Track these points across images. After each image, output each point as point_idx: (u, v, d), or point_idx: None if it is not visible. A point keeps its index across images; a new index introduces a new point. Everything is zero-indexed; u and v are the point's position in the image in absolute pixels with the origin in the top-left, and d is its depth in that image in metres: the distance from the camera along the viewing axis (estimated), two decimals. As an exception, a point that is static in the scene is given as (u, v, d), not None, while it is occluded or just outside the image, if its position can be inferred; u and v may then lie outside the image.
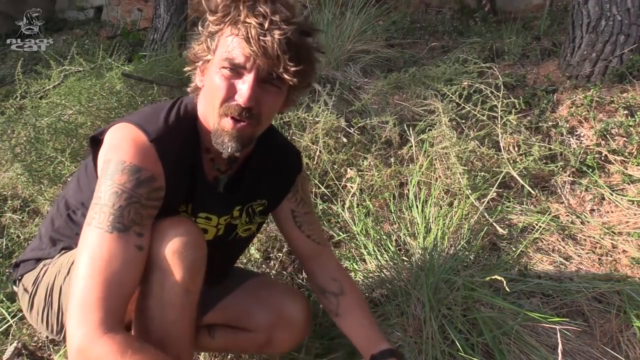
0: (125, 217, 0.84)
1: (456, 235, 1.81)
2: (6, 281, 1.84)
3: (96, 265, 0.80)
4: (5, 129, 2.20)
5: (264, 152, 1.09)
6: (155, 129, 0.92)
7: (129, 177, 0.86)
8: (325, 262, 1.22)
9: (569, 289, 1.59)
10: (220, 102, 0.88)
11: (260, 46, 0.82)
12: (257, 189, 1.12)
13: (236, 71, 0.86)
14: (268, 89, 0.89)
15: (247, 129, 0.90)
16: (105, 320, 0.77)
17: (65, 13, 6.59)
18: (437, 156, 2.16)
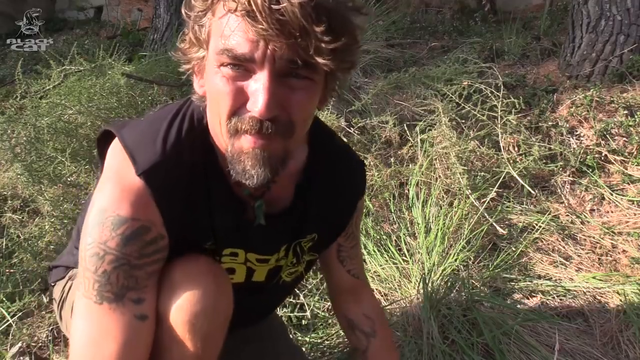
0: (113, 284, 0.65)
1: (456, 235, 1.81)
2: (6, 281, 1.84)
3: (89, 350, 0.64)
4: (5, 129, 2.20)
5: (320, 162, 0.81)
6: (147, 157, 0.67)
7: (111, 234, 0.65)
8: (361, 298, 1.06)
9: (569, 289, 1.59)
10: (227, 114, 0.61)
11: (273, 20, 0.52)
12: (310, 222, 0.84)
13: (242, 67, 0.58)
14: (294, 84, 0.60)
15: (276, 145, 0.62)
16: None
17: (65, 13, 6.59)
18: (437, 156, 2.16)
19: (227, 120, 0.62)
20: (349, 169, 0.89)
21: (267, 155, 0.62)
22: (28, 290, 1.79)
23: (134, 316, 0.66)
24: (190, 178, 0.71)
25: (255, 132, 0.61)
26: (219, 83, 0.60)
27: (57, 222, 2.02)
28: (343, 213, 0.91)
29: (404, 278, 1.61)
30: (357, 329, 1.04)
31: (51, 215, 2.05)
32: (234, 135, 0.63)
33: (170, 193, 0.68)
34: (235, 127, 0.62)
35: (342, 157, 0.89)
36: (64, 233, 2.04)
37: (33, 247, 1.97)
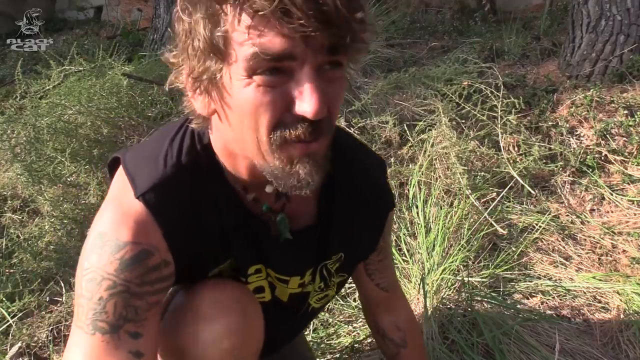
0: (109, 313, 0.58)
1: (456, 235, 1.81)
2: (6, 281, 1.84)
3: None
4: (5, 129, 2.20)
5: (342, 170, 0.74)
6: (146, 178, 0.63)
7: (109, 258, 0.59)
8: (393, 308, 1.02)
9: (569, 289, 1.59)
10: (271, 127, 0.54)
11: (315, 13, 0.47)
12: (333, 241, 0.77)
13: (279, 70, 0.52)
14: (330, 75, 0.55)
15: (322, 145, 0.58)
16: None
17: (65, 13, 6.59)
18: (437, 156, 2.16)
19: (271, 134, 0.55)
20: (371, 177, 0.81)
21: (319, 158, 0.58)
22: (28, 290, 1.79)
23: (129, 352, 0.59)
24: (194, 198, 0.66)
25: (306, 135, 0.54)
26: (255, 94, 0.53)
27: (57, 222, 2.02)
28: (372, 228, 0.83)
29: (404, 278, 1.61)
30: (387, 338, 1.02)
31: (51, 215, 2.05)
32: (280, 148, 0.56)
33: (173, 215, 0.63)
34: (283, 138, 0.55)
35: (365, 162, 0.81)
36: (64, 233, 2.04)
37: (33, 247, 1.97)
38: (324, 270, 0.80)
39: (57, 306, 1.79)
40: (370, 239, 0.85)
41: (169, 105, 2.49)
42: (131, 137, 2.40)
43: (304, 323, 1.01)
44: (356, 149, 0.83)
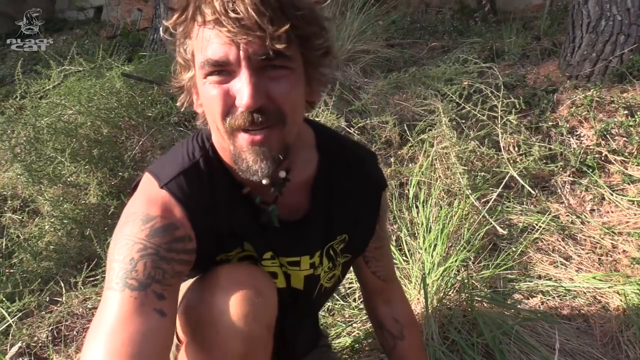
0: (139, 271, 0.65)
1: (456, 235, 1.81)
2: (6, 281, 1.84)
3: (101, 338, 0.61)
4: (5, 129, 2.20)
5: (332, 164, 0.84)
6: (168, 172, 0.74)
7: (140, 227, 0.68)
8: (390, 300, 1.07)
9: (569, 289, 1.59)
10: (220, 116, 0.66)
11: (234, 19, 0.59)
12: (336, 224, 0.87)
13: (225, 72, 0.64)
14: (274, 75, 0.65)
15: (271, 136, 0.66)
16: None
17: (65, 13, 6.59)
18: (437, 156, 2.15)
19: (222, 122, 0.66)
20: (361, 162, 0.90)
21: (266, 149, 0.66)
22: (28, 290, 1.79)
23: (154, 309, 0.64)
24: (209, 187, 0.76)
25: (249, 124, 0.65)
26: (208, 90, 0.66)
27: (57, 222, 2.02)
28: (369, 208, 0.91)
29: (405, 278, 1.61)
30: (385, 329, 1.06)
31: (51, 215, 2.05)
32: (232, 136, 0.67)
33: (193, 198, 0.73)
34: (231, 126, 0.66)
35: (353, 154, 0.91)
36: (64, 233, 2.04)
37: (33, 247, 1.97)
38: (331, 250, 0.88)
39: (57, 306, 1.79)
40: (369, 218, 0.92)
41: (169, 105, 2.49)
42: (131, 137, 2.40)
43: (318, 305, 1.05)
44: (344, 142, 0.93)
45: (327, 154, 0.85)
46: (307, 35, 0.66)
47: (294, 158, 0.78)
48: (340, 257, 0.91)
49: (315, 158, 0.84)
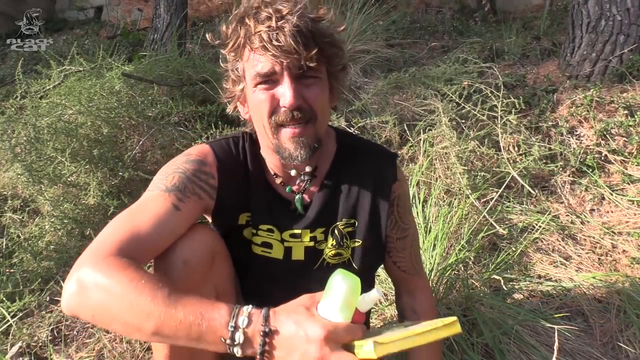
0: (169, 181, 0.89)
1: (456, 235, 1.81)
2: (6, 281, 1.84)
3: (130, 214, 0.84)
4: (6, 129, 2.20)
5: (346, 161, 1.01)
6: (216, 142, 1.00)
7: (180, 159, 0.94)
8: (412, 291, 1.13)
9: (569, 289, 1.59)
10: (268, 115, 0.86)
11: (277, 46, 0.81)
12: (343, 207, 1.00)
13: (270, 81, 0.85)
14: (307, 83, 0.86)
15: (307, 131, 0.87)
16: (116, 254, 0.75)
17: (65, 13, 6.59)
18: (437, 156, 2.16)
19: (269, 119, 0.86)
20: (373, 159, 1.03)
21: (304, 139, 0.87)
22: (28, 290, 1.79)
23: (172, 204, 0.85)
24: (240, 160, 0.98)
25: (290, 120, 0.85)
26: (258, 96, 0.87)
27: (57, 222, 2.02)
28: (378, 197, 1.01)
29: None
30: (405, 317, 1.13)
31: (51, 215, 2.05)
32: (276, 131, 0.87)
33: (225, 157, 0.96)
34: (276, 122, 0.86)
35: (367, 152, 1.04)
36: (64, 233, 2.04)
37: (33, 247, 1.97)
38: (336, 230, 1.01)
39: (57, 306, 1.79)
40: (377, 207, 1.01)
41: (169, 105, 2.49)
42: (131, 137, 2.40)
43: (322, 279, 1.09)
44: (363, 140, 1.11)
45: (343, 147, 1.02)
46: (331, 55, 0.89)
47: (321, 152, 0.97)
48: (349, 240, 1.02)
49: (334, 150, 1.02)
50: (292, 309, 0.68)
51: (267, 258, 1.01)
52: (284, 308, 0.69)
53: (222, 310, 0.67)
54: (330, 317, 0.66)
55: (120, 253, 0.75)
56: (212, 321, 0.66)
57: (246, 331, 0.65)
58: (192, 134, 2.43)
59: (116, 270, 0.71)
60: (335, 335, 0.63)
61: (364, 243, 1.02)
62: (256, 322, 0.66)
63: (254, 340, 0.65)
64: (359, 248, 1.02)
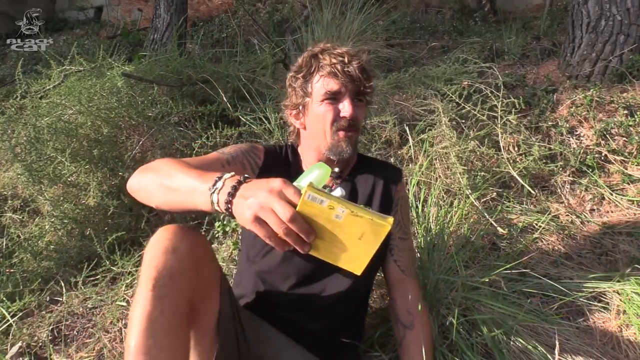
0: (226, 149, 1.16)
1: (456, 235, 1.81)
2: (6, 281, 1.84)
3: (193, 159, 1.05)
4: (6, 129, 2.20)
5: (363, 167, 1.29)
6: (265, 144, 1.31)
7: (240, 144, 1.22)
8: (406, 293, 1.24)
9: (569, 289, 1.59)
10: (331, 122, 1.14)
11: (347, 75, 1.13)
12: (362, 196, 1.25)
13: (335, 98, 1.14)
14: (358, 104, 1.17)
15: (354, 135, 1.17)
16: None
17: (65, 13, 6.59)
18: (437, 156, 2.16)
19: (332, 125, 1.14)
20: (383, 167, 1.33)
21: (351, 141, 1.16)
22: (28, 290, 1.79)
23: (223, 158, 1.11)
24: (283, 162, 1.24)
25: (347, 126, 1.14)
26: (325, 108, 1.15)
27: (57, 222, 2.02)
28: (386, 191, 1.26)
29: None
30: (399, 321, 1.23)
31: (51, 215, 2.05)
32: (335, 134, 1.15)
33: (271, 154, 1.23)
34: (336, 127, 1.15)
35: (380, 162, 1.40)
36: (64, 233, 2.05)
37: (33, 247, 1.97)
38: None
39: (57, 306, 1.79)
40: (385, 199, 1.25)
41: (169, 105, 2.49)
42: (131, 137, 2.40)
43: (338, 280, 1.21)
44: (376, 159, 1.44)
45: (361, 159, 1.33)
46: (371, 89, 1.19)
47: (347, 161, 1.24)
48: None
49: (355, 160, 1.30)
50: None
51: None
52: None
53: (218, 172, 0.82)
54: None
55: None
56: (209, 176, 0.80)
57: (226, 180, 0.77)
58: (192, 134, 2.43)
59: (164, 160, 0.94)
60: (287, 187, 0.72)
61: None
62: (237, 176, 0.78)
63: (229, 185, 0.76)
64: None
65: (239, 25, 4.50)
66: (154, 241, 0.89)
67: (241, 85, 2.66)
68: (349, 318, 1.24)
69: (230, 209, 0.74)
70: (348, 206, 0.68)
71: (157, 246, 0.87)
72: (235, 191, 0.74)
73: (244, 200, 0.72)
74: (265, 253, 1.19)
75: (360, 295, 1.27)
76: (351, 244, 0.72)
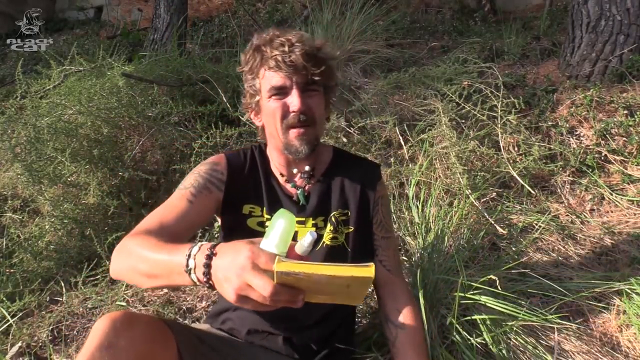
0: (187, 181, 1.13)
1: (456, 235, 1.81)
2: (6, 281, 1.84)
3: (159, 209, 1.07)
4: (6, 129, 2.20)
5: (339, 166, 1.24)
6: (231, 151, 1.24)
7: (200, 164, 1.19)
8: (395, 292, 1.21)
9: (569, 289, 1.59)
10: (280, 118, 1.08)
11: (290, 65, 1.04)
12: (337, 199, 1.21)
13: (282, 92, 1.07)
14: (310, 94, 1.09)
15: (309, 131, 1.10)
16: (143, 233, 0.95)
17: (65, 13, 6.59)
18: (437, 156, 2.16)
19: (281, 123, 1.08)
20: (361, 164, 1.28)
21: (306, 138, 1.09)
22: (28, 290, 1.79)
23: (186, 199, 1.08)
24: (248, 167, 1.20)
25: (297, 122, 1.07)
26: (272, 104, 1.08)
27: (57, 222, 2.02)
28: (365, 191, 1.22)
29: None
30: (390, 321, 1.18)
31: (51, 215, 2.05)
32: (286, 132, 1.09)
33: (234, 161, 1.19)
34: (286, 125, 1.08)
35: (356, 159, 1.31)
36: (64, 233, 2.05)
37: (33, 247, 1.97)
38: (333, 218, 1.20)
39: (57, 306, 1.79)
40: (365, 199, 1.22)
41: (169, 105, 2.49)
42: (131, 137, 2.40)
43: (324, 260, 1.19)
44: (353, 153, 1.37)
45: (337, 157, 1.27)
46: (328, 75, 1.11)
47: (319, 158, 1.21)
48: (343, 227, 1.20)
49: (330, 157, 1.25)
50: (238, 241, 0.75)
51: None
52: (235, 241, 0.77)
53: (186, 247, 0.79)
54: (268, 250, 0.71)
55: (148, 234, 0.95)
56: (179, 255, 0.78)
57: (196, 256, 0.75)
58: (192, 134, 2.43)
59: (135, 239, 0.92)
60: (257, 257, 0.69)
61: (355, 229, 1.20)
62: (204, 249, 0.76)
63: (201, 263, 0.74)
64: (352, 234, 1.20)
65: (239, 25, 4.50)
66: (92, 333, 0.84)
67: (241, 85, 2.66)
68: (340, 326, 1.22)
69: (215, 288, 0.73)
70: (324, 270, 0.66)
71: (92, 340, 0.82)
72: (209, 269, 0.73)
73: (222, 281, 0.70)
74: None
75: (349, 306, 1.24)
76: (341, 291, 0.73)
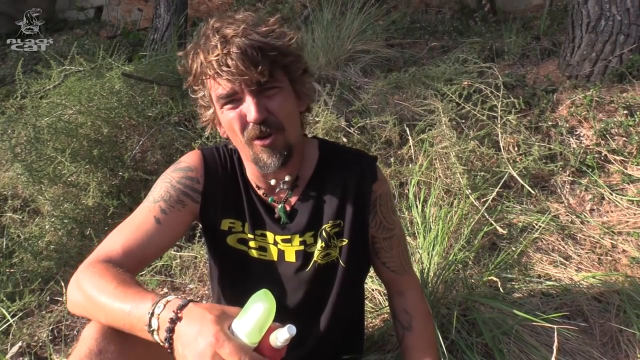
0: (156, 192, 0.98)
1: (456, 235, 1.82)
2: (6, 281, 1.84)
3: (123, 226, 0.94)
4: (6, 129, 2.20)
5: (328, 168, 1.05)
6: (208, 149, 1.07)
7: (171, 167, 1.03)
8: (403, 292, 1.14)
9: (569, 289, 1.59)
10: (240, 131, 0.91)
11: (229, 71, 0.85)
12: (328, 210, 1.04)
13: (234, 100, 0.89)
14: (269, 94, 0.89)
15: (277, 139, 0.91)
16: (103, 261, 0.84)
17: (65, 13, 6.59)
18: (437, 156, 2.16)
19: (242, 135, 0.91)
20: (352, 163, 1.06)
21: (273, 149, 0.91)
22: (28, 290, 1.79)
23: (154, 217, 0.93)
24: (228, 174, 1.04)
25: (259, 134, 0.89)
26: (227, 115, 0.91)
27: (57, 221, 2.02)
28: (359, 197, 1.04)
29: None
30: (397, 320, 1.14)
31: (51, 215, 2.05)
32: (250, 144, 0.92)
33: (213, 163, 1.03)
34: (248, 137, 0.91)
35: (347, 157, 1.08)
36: (64, 233, 2.05)
37: (33, 247, 1.97)
38: (324, 232, 1.04)
39: (57, 306, 1.79)
40: (360, 206, 1.05)
41: (169, 105, 2.49)
42: (131, 137, 2.40)
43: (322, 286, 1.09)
44: (343, 147, 1.17)
45: (325, 154, 1.06)
46: (287, 63, 0.91)
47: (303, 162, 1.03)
48: (336, 240, 1.05)
49: (316, 157, 1.06)
50: (209, 307, 0.67)
51: (263, 261, 1.06)
52: (206, 305, 0.68)
53: (149, 300, 0.71)
54: (238, 335, 0.64)
55: (110, 261, 0.84)
56: (140, 309, 0.70)
57: (159, 317, 0.68)
58: (192, 134, 2.43)
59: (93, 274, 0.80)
60: (221, 346, 0.61)
61: (350, 241, 1.05)
62: (169, 309, 0.67)
63: (164, 327, 0.67)
64: (346, 247, 1.06)
65: (239, 25, 4.49)
66: (81, 340, 0.79)
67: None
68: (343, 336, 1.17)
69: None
70: None
71: (81, 348, 0.78)
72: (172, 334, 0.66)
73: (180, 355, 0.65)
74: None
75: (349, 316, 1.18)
76: None
